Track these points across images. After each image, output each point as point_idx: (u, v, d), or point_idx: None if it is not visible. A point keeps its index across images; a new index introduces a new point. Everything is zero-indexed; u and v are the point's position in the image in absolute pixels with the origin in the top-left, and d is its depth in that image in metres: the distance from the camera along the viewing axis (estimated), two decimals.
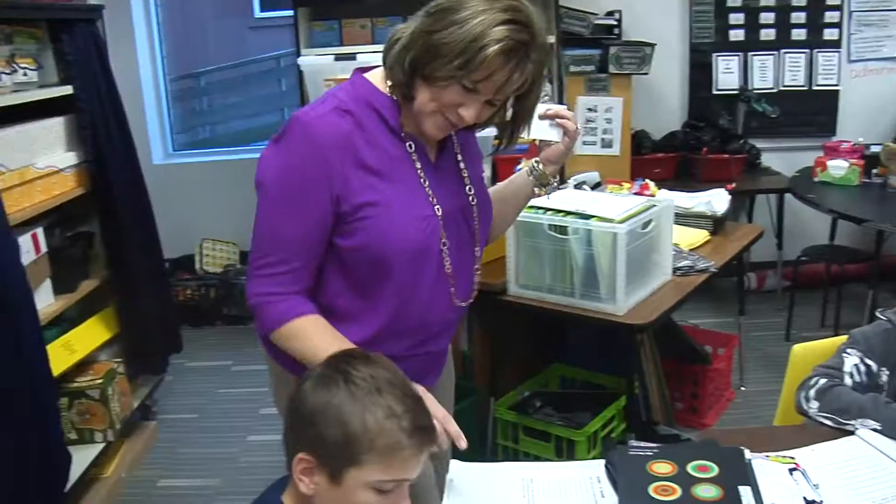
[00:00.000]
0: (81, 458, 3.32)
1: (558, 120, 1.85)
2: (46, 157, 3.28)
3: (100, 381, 3.45)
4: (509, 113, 1.75)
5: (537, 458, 3.09)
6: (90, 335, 3.56)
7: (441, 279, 1.78)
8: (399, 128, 1.70)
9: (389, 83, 1.67)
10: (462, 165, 1.84)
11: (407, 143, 1.71)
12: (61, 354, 3.30)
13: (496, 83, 1.58)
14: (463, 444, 1.65)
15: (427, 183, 1.73)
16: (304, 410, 1.34)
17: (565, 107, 1.92)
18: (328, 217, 1.66)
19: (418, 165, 1.73)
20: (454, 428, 1.66)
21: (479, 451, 3.22)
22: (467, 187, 1.83)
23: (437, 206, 1.74)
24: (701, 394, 3.63)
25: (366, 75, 1.73)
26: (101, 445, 3.47)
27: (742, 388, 4.09)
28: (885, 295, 4.96)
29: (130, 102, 4.63)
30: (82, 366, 3.51)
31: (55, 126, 3.37)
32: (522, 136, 1.82)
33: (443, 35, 1.54)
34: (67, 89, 3.36)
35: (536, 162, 1.94)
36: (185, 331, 4.87)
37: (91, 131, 3.43)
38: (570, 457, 2.99)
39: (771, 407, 2.44)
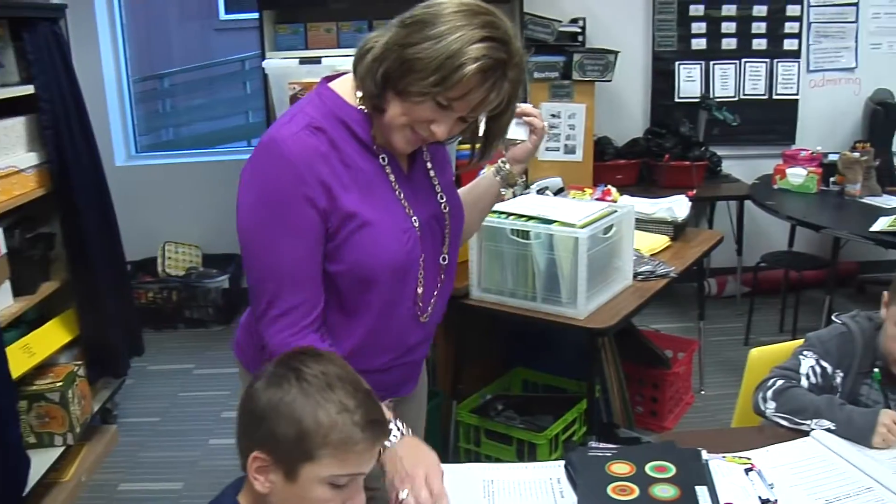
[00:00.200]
0: (40, 461, 3.28)
1: (525, 118, 1.84)
2: (7, 156, 3.25)
3: (59, 384, 3.42)
4: (482, 128, 1.70)
5: (499, 461, 3.10)
6: (50, 338, 3.53)
7: (423, 289, 1.75)
8: (371, 141, 1.64)
9: (359, 94, 1.62)
10: (432, 174, 1.79)
11: (380, 157, 1.66)
12: (20, 357, 3.27)
13: (471, 101, 1.53)
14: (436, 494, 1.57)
15: (402, 195, 1.68)
16: (257, 409, 1.34)
17: (531, 105, 1.91)
18: (320, 229, 1.60)
19: (392, 178, 1.67)
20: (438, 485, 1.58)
21: (441, 453, 3.22)
22: (438, 195, 1.78)
23: (415, 218, 1.69)
24: (661, 397, 3.67)
25: (333, 85, 1.67)
26: (61, 449, 3.44)
27: (702, 392, 4.15)
28: (841, 300, 5.06)
29: (93, 103, 4.60)
30: (42, 368, 3.47)
31: (16, 126, 3.34)
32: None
33: (418, 49, 1.48)
34: (29, 89, 3.33)
35: (503, 162, 1.93)
36: (147, 334, 4.84)
37: (53, 131, 3.40)
38: (532, 459, 3.01)
39: (730, 410, 2.48)
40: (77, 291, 3.63)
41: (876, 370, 2.05)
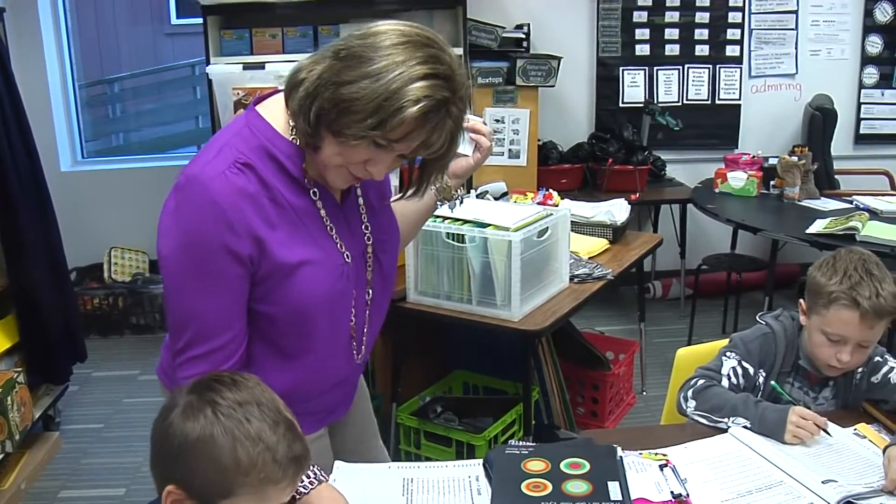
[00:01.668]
0: None
1: (472, 135, 1.75)
2: None
3: None
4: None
5: None
6: None
7: (354, 325, 1.70)
8: (301, 176, 1.55)
9: (292, 123, 1.52)
10: (361, 201, 1.70)
11: (311, 191, 1.57)
12: None
13: (412, 143, 1.44)
14: None
15: (334, 231, 1.61)
16: (173, 443, 1.28)
17: (482, 119, 1.81)
18: (244, 280, 1.53)
19: (323, 213, 1.59)
20: None
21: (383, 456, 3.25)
22: (364, 226, 1.69)
23: (347, 253, 1.63)
24: (601, 398, 3.72)
25: (263, 110, 1.56)
26: (0, 457, 3.42)
27: (644, 393, 4.21)
28: (782, 302, 5.12)
29: (37, 108, 4.60)
30: None
31: None
32: None
33: (354, 89, 1.38)
34: None
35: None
36: (93, 340, 4.84)
37: None
38: None
39: None
40: (16, 297, 3.62)
41: (774, 382, 2.11)
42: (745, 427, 1.94)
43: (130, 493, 3.46)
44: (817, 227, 3.93)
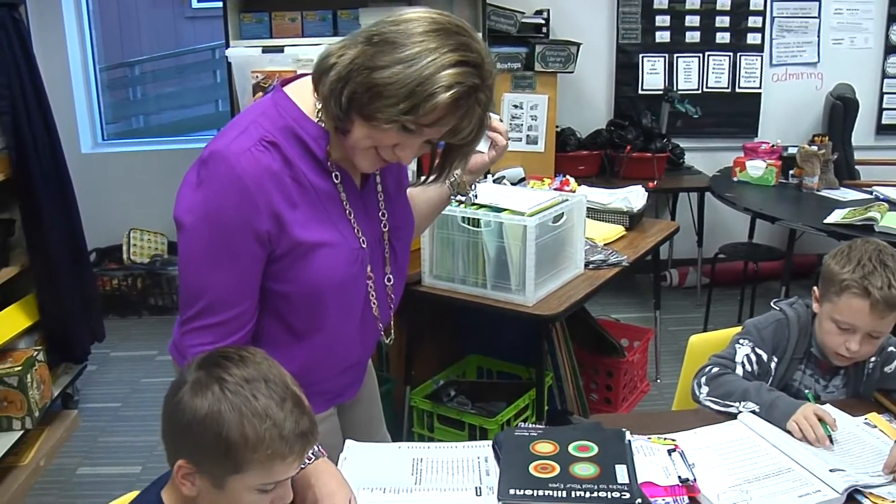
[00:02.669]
0: None
1: (489, 132, 1.74)
2: None
3: (18, 368, 3.44)
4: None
5: None
6: (9, 322, 3.55)
7: (368, 310, 1.71)
8: (325, 158, 1.57)
9: (320, 106, 1.53)
10: (380, 188, 1.72)
11: (333, 174, 1.59)
12: None
13: (442, 128, 1.47)
14: None
15: (352, 216, 1.63)
16: (182, 419, 1.31)
17: (499, 118, 1.83)
18: (260, 259, 1.55)
19: (343, 197, 1.61)
20: None
21: (396, 438, 3.26)
22: (381, 213, 1.71)
23: (363, 238, 1.64)
24: (615, 385, 3.72)
25: (290, 92, 1.58)
26: (19, 433, 3.46)
27: (658, 381, 4.21)
28: (799, 292, 5.09)
29: (58, 90, 4.63)
30: (1, 353, 3.50)
31: None
32: None
33: (387, 74, 1.39)
34: None
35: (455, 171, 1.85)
36: (112, 320, 4.88)
37: (10, 117, 3.42)
38: None
39: None
40: (36, 277, 3.66)
41: (808, 391, 2.11)
42: (753, 412, 1.95)
43: (147, 470, 3.50)
44: (835, 216, 3.91)
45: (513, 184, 3.66)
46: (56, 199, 3.73)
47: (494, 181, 3.52)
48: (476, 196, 1.94)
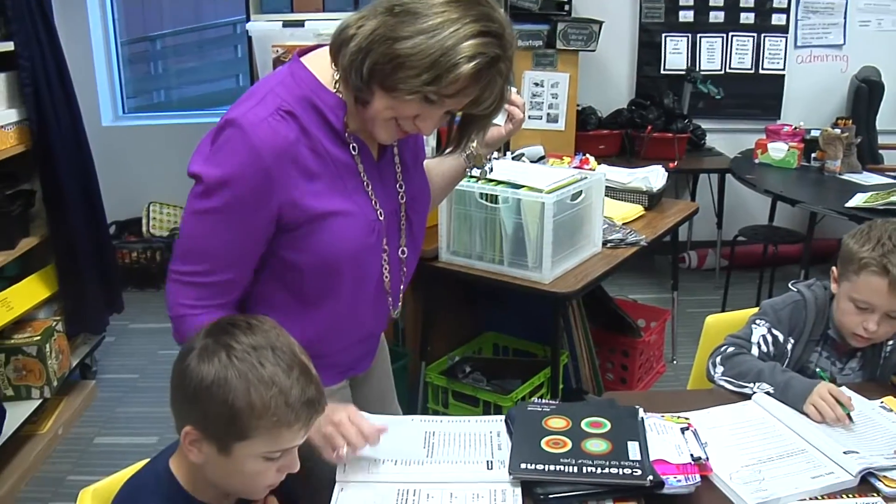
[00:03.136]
0: (17, 413, 3.35)
1: (507, 106, 1.72)
2: None
3: (37, 338, 3.47)
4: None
5: None
6: (29, 293, 3.58)
7: (381, 282, 1.70)
8: (343, 129, 1.56)
9: (337, 77, 1.53)
10: (398, 160, 1.71)
11: (350, 146, 1.58)
12: None
13: (463, 100, 1.47)
14: (368, 435, 1.60)
15: (370, 187, 1.62)
16: (189, 386, 1.32)
17: (516, 90, 1.78)
18: (267, 231, 1.55)
19: (361, 168, 1.60)
20: (363, 423, 1.61)
21: (410, 414, 3.28)
22: (398, 184, 1.71)
23: (380, 210, 1.64)
24: (631, 365, 3.72)
25: (308, 62, 1.57)
26: (38, 402, 3.50)
27: (674, 362, 4.20)
28: (818, 277, 5.07)
29: (80, 64, 4.64)
30: (20, 323, 3.53)
31: None
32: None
33: (409, 45, 1.38)
34: (8, 45, 3.35)
35: (472, 142, 1.79)
36: (131, 293, 4.91)
37: (32, 88, 3.43)
38: None
39: None
40: (56, 248, 3.68)
41: (819, 369, 2.11)
42: (768, 393, 1.94)
43: (163, 441, 3.51)
44: (857, 200, 3.88)
45: (532, 162, 3.64)
46: (76, 171, 3.74)
47: (513, 158, 3.51)
48: (492, 169, 1.94)
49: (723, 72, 5.49)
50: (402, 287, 1.78)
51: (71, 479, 3.33)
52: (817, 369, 2.11)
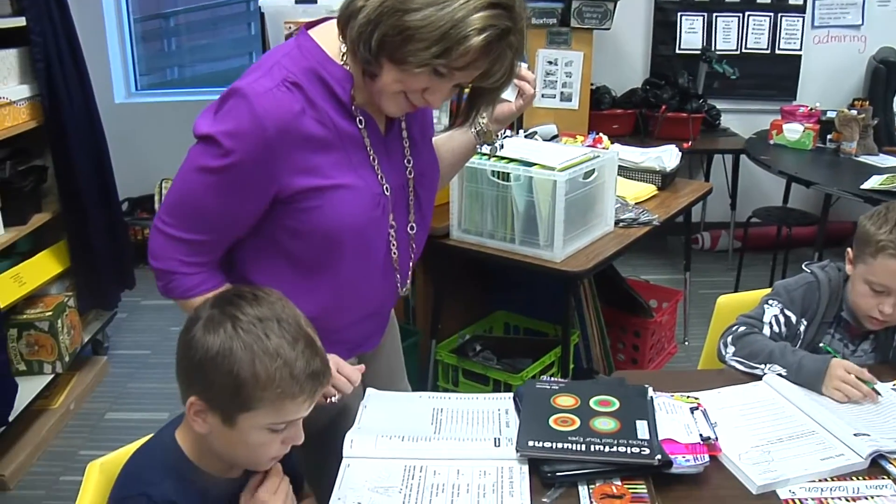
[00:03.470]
0: (29, 388, 3.38)
1: (517, 81, 1.73)
2: None
3: (49, 313, 3.49)
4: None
5: None
6: (41, 268, 3.59)
7: (389, 258, 1.70)
8: (349, 102, 1.56)
9: (345, 49, 1.52)
10: (405, 135, 1.70)
11: (357, 119, 1.57)
12: (10, 286, 3.34)
13: (473, 72, 1.46)
14: (355, 380, 1.63)
15: (376, 161, 1.62)
16: (195, 356, 1.32)
17: (527, 66, 1.80)
18: (256, 205, 1.55)
19: (367, 142, 1.60)
20: (347, 369, 1.63)
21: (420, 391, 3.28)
22: (406, 159, 1.70)
23: (386, 186, 1.63)
24: (642, 346, 3.70)
25: (314, 34, 1.56)
26: (50, 377, 3.52)
27: (686, 343, 4.19)
28: (832, 259, 5.05)
29: (93, 40, 4.64)
30: (33, 298, 3.55)
31: (7, 57, 3.37)
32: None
33: (418, 17, 1.37)
34: (20, 21, 3.34)
35: (482, 118, 1.83)
36: (143, 269, 4.88)
37: (44, 64, 3.43)
38: None
39: None
40: (68, 224, 3.69)
41: (823, 344, 2.09)
42: (780, 375, 1.92)
43: (174, 417, 3.54)
44: (872, 182, 3.85)
45: (545, 140, 3.62)
46: (88, 147, 3.75)
47: (526, 136, 3.49)
48: (502, 146, 1.93)
49: (739, 52, 5.44)
50: (410, 264, 1.77)
51: (82, 454, 3.35)
52: (821, 344, 2.09)
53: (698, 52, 5.30)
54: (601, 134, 3.69)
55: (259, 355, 1.30)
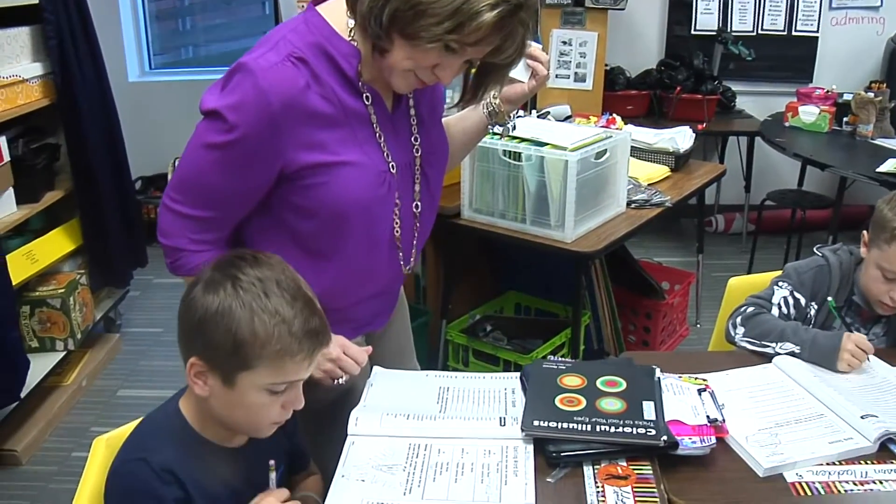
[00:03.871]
0: (42, 365, 3.40)
1: (530, 61, 1.72)
2: (11, 66, 3.29)
3: (61, 290, 3.50)
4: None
5: None
6: (54, 246, 3.61)
7: (394, 236, 1.68)
8: (356, 78, 1.54)
9: (353, 25, 1.51)
10: (413, 113, 1.69)
11: (364, 95, 1.56)
12: (23, 263, 3.35)
13: (484, 48, 1.45)
14: (362, 361, 1.64)
15: (382, 139, 1.60)
16: (194, 316, 1.33)
17: (541, 46, 1.78)
18: (268, 181, 1.55)
19: (374, 119, 1.59)
20: (354, 350, 1.65)
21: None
22: (413, 137, 1.68)
23: (392, 163, 1.62)
24: (653, 328, 3.69)
25: (322, 9, 1.55)
26: (62, 354, 3.54)
27: (698, 325, 4.17)
28: (847, 243, 5.01)
29: (107, 19, 4.65)
30: (45, 276, 3.56)
31: (20, 35, 3.37)
32: None
33: None
34: None
35: (494, 98, 1.82)
36: (156, 248, 4.86)
37: (56, 42, 3.43)
38: None
39: None
40: (81, 202, 3.70)
41: (830, 298, 2.07)
42: (792, 353, 1.91)
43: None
44: (889, 165, 3.82)
45: (558, 121, 3.60)
46: (101, 125, 3.75)
47: (539, 117, 3.48)
48: (514, 127, 1.90)
49: (755, 33, 5.39)
50: (414, 242, 1.75)
51: (94, 431, 3.36)
52: (828, 300, 2.07)
53: (714, 33, 5.25)
54: (615, 115, 3.68)
55: (258, 313, 1.31)
